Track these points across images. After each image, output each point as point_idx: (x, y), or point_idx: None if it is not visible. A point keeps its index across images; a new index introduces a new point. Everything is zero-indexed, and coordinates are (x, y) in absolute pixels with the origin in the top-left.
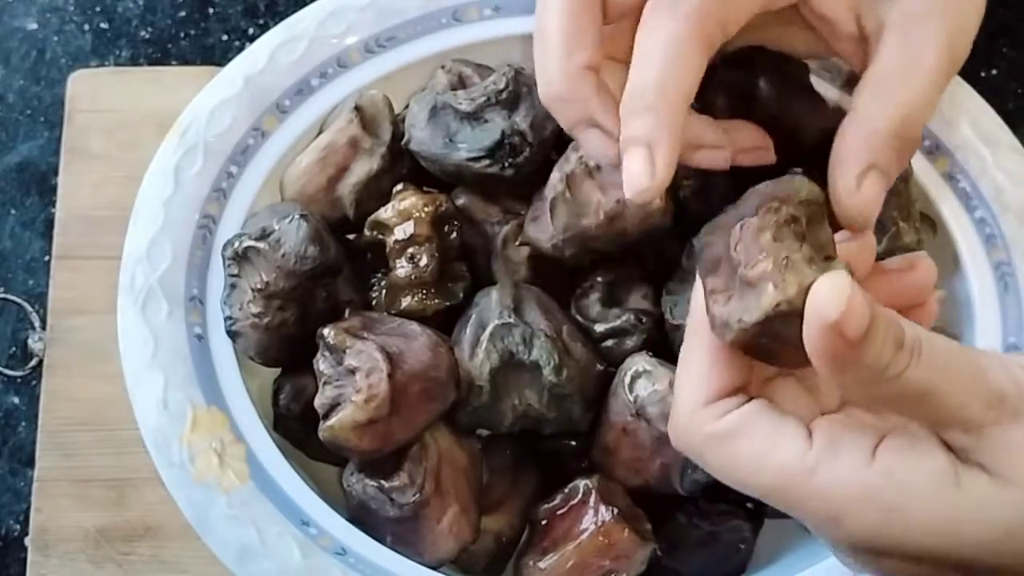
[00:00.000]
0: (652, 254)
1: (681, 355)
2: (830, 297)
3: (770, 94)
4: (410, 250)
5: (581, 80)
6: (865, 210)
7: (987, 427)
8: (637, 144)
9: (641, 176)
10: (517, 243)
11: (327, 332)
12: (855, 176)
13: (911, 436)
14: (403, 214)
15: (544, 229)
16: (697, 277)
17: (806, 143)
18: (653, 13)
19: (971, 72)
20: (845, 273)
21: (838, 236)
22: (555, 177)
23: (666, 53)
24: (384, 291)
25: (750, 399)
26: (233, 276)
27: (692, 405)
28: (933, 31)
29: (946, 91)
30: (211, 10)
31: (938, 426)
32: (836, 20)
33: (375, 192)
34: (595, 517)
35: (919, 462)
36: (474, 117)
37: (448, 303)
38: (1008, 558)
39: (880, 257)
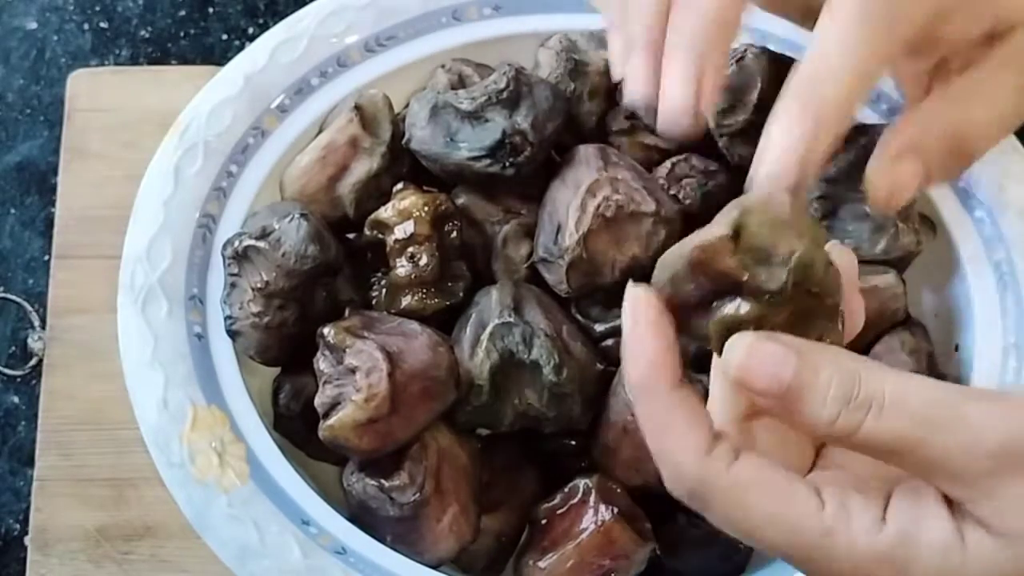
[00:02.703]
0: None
1: (648, 409)
2: (737, 346)
3: (771, 94)
4: (410, 249)
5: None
6: (894, 190)
7: (982, 479)
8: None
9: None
10: (527, 263)
11: (327, 331)
12: (892, 153)
13: (915, 494)
14: (403, 213)
15: (555, 272)
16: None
17: None
18: None
19: None
20: (751, 334)
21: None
22: (570, 223)
23: None
24: (384, 290)
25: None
26: (233, 275)
27: (697, 454)
28: (1014, 76)
29: None
30: (211, 9)
31: (924, 477)
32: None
33: (375, 191)
34: (595, 516)
35: (927, 524)
36: (475, 116)
37: (448, 302)
38: None
39: (880, 258)
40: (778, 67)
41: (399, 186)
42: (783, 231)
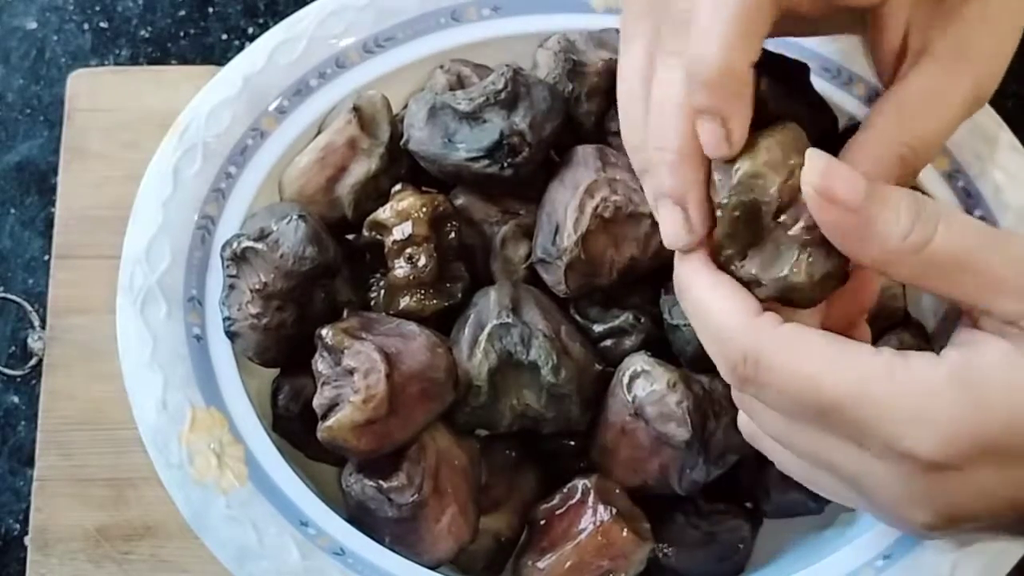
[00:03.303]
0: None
1: (689, 282)
2: (813, 166)
3: (771, 94)
4: (408, 250)
5: (741, 80)
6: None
7: None
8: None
9: (678, 233)
10: (525, 264)
11: (325, 332)
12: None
13: (968, 338)
14: (401, 214)
15: (554, 273)
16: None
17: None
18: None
19: None
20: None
21: None
22: (569, 224)
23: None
24: (382, 291)
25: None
26: (232, 277)
27: (747, 315)
28: (968, 70)
29: None
30: (211, 9)
31: (984, 298)
32: (887, 25)
33: (374, 192)
34: (594, 517)
35: (987, 347)
36: (473, 117)
37: (446, 303)
38: None
39: None
40: (774, 67)
41: (397, 187)
42: (753, 145)
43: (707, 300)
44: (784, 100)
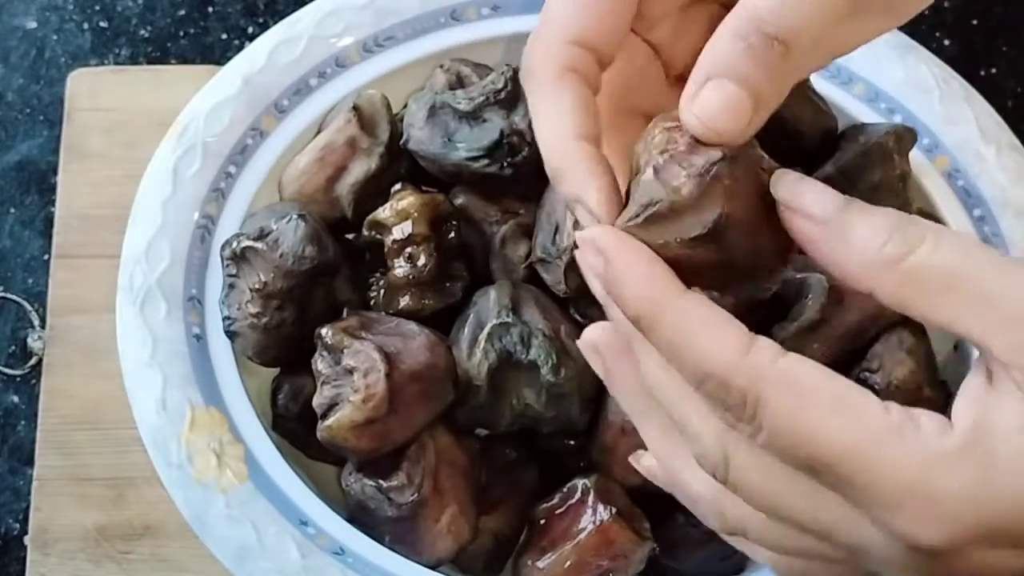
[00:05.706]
0: None
1: (664, 327)
2: (778, 184)
3: None
4: (408, 250)
5: (573, 153)
6: (706, 119)
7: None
8: (572, 203)
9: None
10: (525, 263)
11: (325, 332)
12: (696, 83)
13: (979, 393)
14: (401, 214)
15: (553, 273)
16: None
17: (807, 144)
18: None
19: (970, 71)
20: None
21: None
22: (568, 224)
23: (552, 102)
24: (382, 291)
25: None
26: (231, 276)
27: (739, 346)
28: None
29: (945, 89)
30: (211, 9)
31: (973, 328)
32: None
33: (373, 192)
34: (593, 516)
35: (1002, 409)
36: (473, 116)
37: (446, 303)
38: None
39: None
40: None
41: (397, 186)
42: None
43: (686, 333)
44: (784, 100)
